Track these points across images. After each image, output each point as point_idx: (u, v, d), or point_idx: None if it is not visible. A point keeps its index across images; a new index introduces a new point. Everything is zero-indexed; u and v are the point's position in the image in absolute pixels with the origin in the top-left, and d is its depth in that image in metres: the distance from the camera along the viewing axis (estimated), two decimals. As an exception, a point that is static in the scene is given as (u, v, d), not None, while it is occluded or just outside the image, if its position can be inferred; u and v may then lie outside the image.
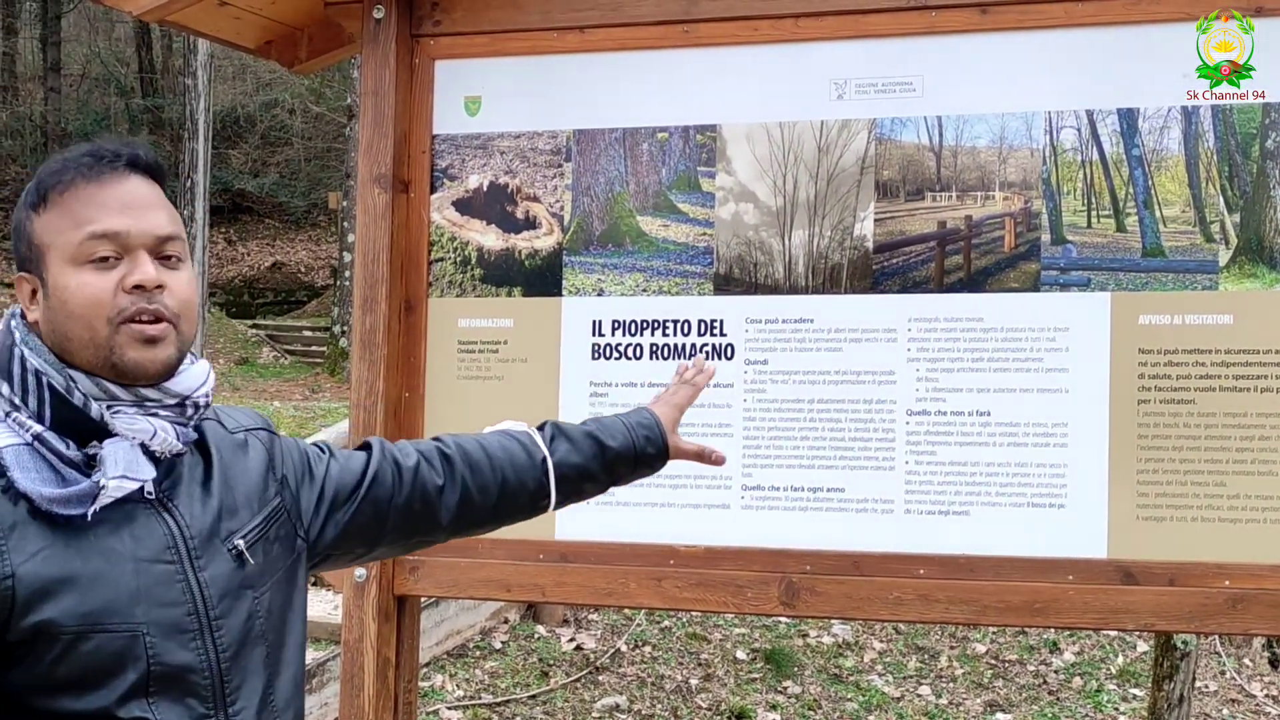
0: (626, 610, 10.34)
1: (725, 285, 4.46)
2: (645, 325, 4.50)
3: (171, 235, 2.37)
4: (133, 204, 2.34)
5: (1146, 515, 4.09)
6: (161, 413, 2.35)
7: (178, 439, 2.37)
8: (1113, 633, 10.70)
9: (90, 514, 2.22)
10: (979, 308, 4.26)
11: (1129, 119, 4.19)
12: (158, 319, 2.32)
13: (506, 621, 10.35)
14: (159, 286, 2.32)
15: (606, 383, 4.52)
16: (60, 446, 2.24)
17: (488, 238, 4.64)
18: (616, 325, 4.53)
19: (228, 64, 30.76)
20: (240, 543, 2.45)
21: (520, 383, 4.58)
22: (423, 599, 5.28)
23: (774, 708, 9.73)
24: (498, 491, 2.95)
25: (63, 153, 2.40)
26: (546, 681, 9.61)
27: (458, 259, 4.65)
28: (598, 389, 4.52)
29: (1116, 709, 10.05)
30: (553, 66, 4.63)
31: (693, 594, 4.40)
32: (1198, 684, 9.64)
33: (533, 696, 9.39)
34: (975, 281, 4.27)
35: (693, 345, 4.45)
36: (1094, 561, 4.12)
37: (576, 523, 4.49)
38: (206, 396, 2.44)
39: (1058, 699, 10.17)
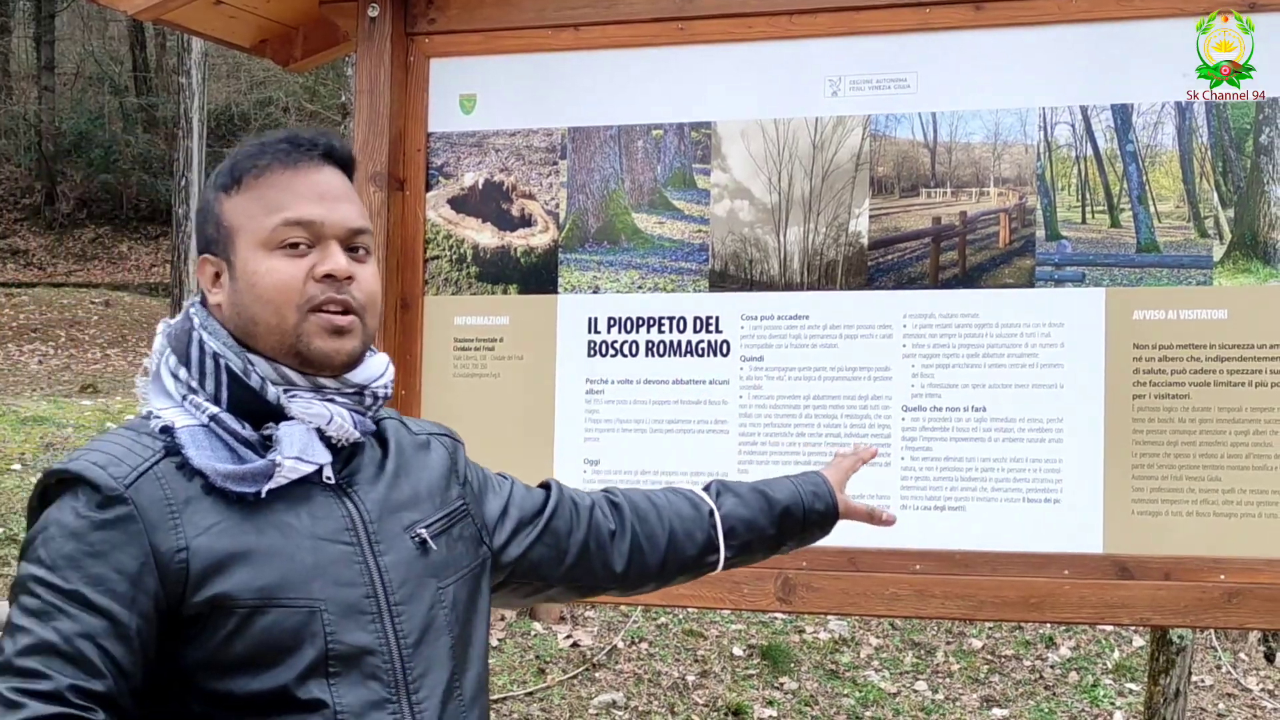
0: (623, 607, 10.34)
1: (721, 282, 4.46)
2: (641, 322, 4.51)
3: (362, 228, 2.39)
4: (327, 194, 2.36)
5: (1142, 510, 4.10)
6: (338, 399, 2.36)
7: (354, 427, 2.38)
8: (1109, 628, 10.71)
9: (264, 492, 2.24)
10: (974, 304, 4.26)
11: (1123, 114, 4.20)
12: (346, 310, 2.33)
13: (503, 619, 10.35)
14: (349, 278, 2.33)
15: (602, 380, 4.52)
16: (236, 426, 2.26)
17: (483, 235, 4.65)
18: (612, 322, 4.53)
19: (222, 62, 30.73)
20: (424, 531, 2.45)
21: (516, 380, 4.59)
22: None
23: (771, 704, 9.74)
24: (666, 543, 2.92)
25: (258, 138, 2.42)
26: (543, 678, 9.61)
27: (453, 257, 4.66)
28: (594, 386, 4.52)
29: (1113, 704, 10.06)
30: (547, 64, 4.63)
31: (689, 590, 4.38)
32: (1194, 678, 9.65)
33: (529, 693, 9.40)
34: (970, 277, 4.28)
35: (688, 342, 4.46)
36: (1089, 556, 4.13)
37: (573, 520, 4.49)
38: (386, 388, 2.45)
39: (1054, 694, 10.19)
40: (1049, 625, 10.64)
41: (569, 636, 10.26)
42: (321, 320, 2.30)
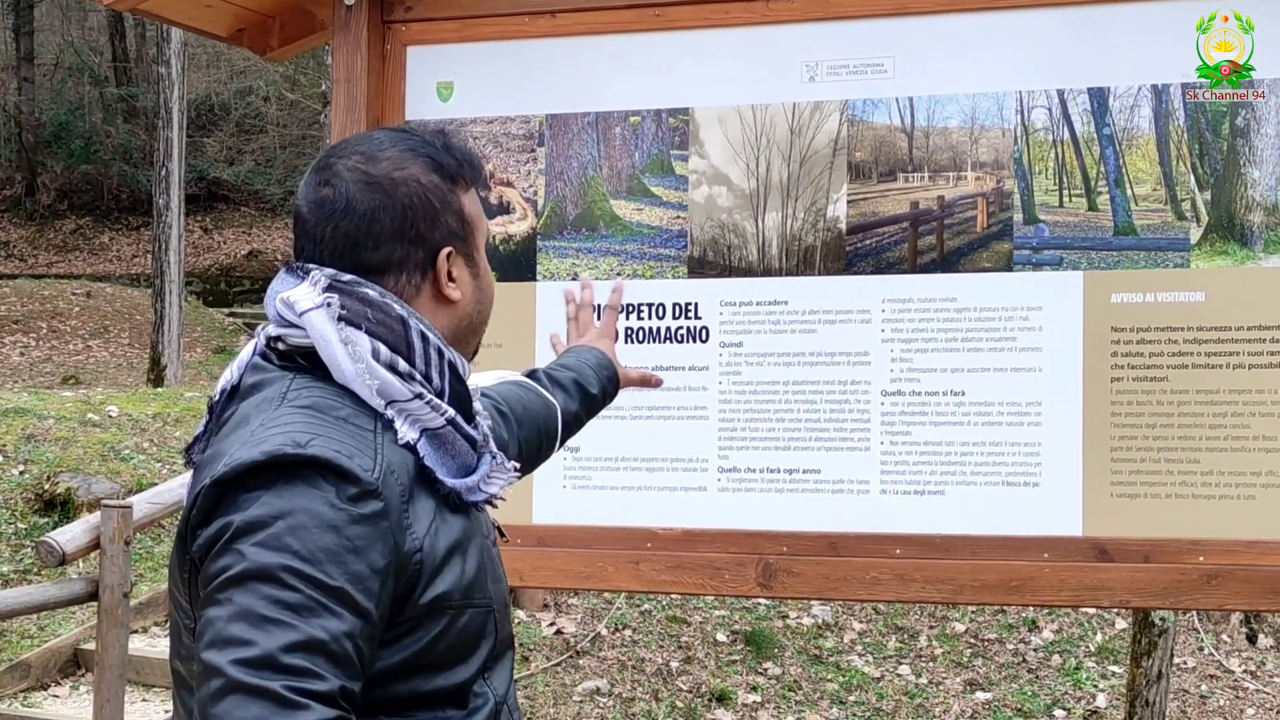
0: (606, 594, 10.35)
1: (699, 268, 4.46)
2: (620, 309, 4.50)
3: None
4: None
5: (1120, 493, 4.11)
6: None
7: None
8: (1091, 610, 10.74)
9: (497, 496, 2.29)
10: (952, 288, 4.27)
11: (1099, 98, 4.20)
12: None
13: (487, 607, 10.34)
14: None
15: (582, 367, 4.52)
16: (469, 430, 2.25)
17: (462, 223, 4.64)
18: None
19: (201, 52, 30.67)
20: (496, 519, 2.52)
21: (495, 368, 4.57)
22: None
23: (754, 689, 9.75)
24: (535, 441, 3.02)
25: (442, 135, 2.41)
26: (527, 666, 9.62)
27: (432, 245, 4.65)
28: (573, 373, 4.52)
29: (1095, 686, 10.09)
30: (524, 51, 4.63)
31: (670, 576, 4.41)
32: (1176, 660, 9.69)
33: (514, 681, 9.39)
34: (948, 262, 4.28)
35: (667, 328, 4.46)
36: (1069, 539, 4.14)
37: (553, 507, 4.50)
38: None
39: (1037, 677, 10.21)
40: (1032, 609, 10.66)
41: (552, 624, 10.26)
42: None
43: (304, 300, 2.22)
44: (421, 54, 4.71)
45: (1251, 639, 10.80)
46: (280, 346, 2.26)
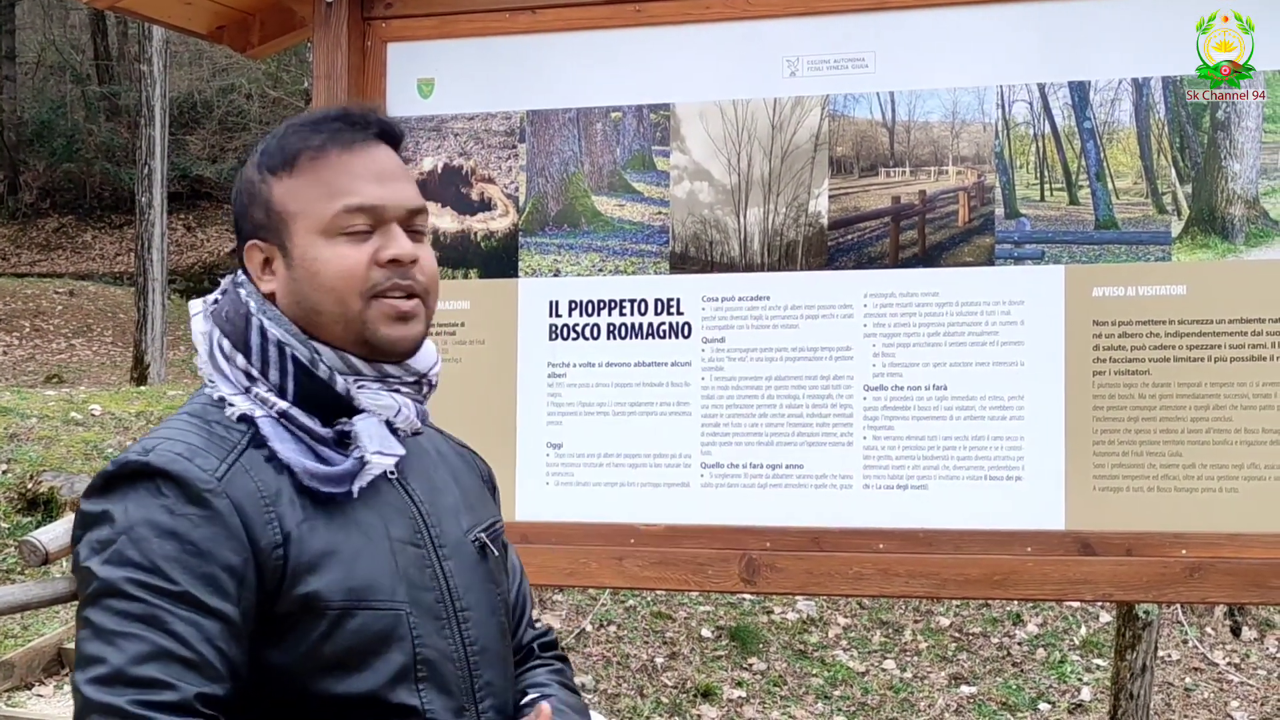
0: (591, 590, 10.34)
1: (681, 264, 4.46)
2: (602, 305, 4.50)
3: (421, 208, 2.32)
4: (385, 175, 2.27)
5: (1103, 486, 4.12)
6: (402, 389, 2.30)
7: (416, 417, 2.33)
8: (1075, 604, 10.75)
9: (356, 491, 2.19)
10: (934, 282, 4.27)
11: (1080, 91, 4.21)
12: (410, 294, 2.26)
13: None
14: (413, 261, 2.26)
15: (564, 363, 4.52)
16: (310, 423, 2.19)
17: (443, 220, 4.63)
18: (573, 305, 4.53)
19: (184, 50, 30.59)
20: (483, 535, 2.42)
21: (478, 365, 4.58)
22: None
23: (740, 684, 9.75)
24: None
25: (303, 117, 2.32)
26: (512, 663, 9.60)
27: (413, 242, 4.64)
28: (555, 369, 4.52)
29: (1080, 679, 10.10)
30: (505, 47, 4.62)
31: (654, 573, 4.40)
32: (1160, 653, 9.70)
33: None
34: (930, 256, 4.28)
35: (649, 324, 4.46)
36: (1052, 533, 4.14)
37: (536, 503, 4.49)
38: (438, 376, 2.41)
39: (1021, 670, 10.22)
40: (1016, 602, 10.66)
41: (537, 620, 10.25)
42: (386, 306, 2.23)
43: (197, 305, 2.32)
44: (402, 50, 4.70)
45: (1236, 631, 10.82)
46: None
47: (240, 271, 2.31)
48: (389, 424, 2.27)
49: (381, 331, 2.23)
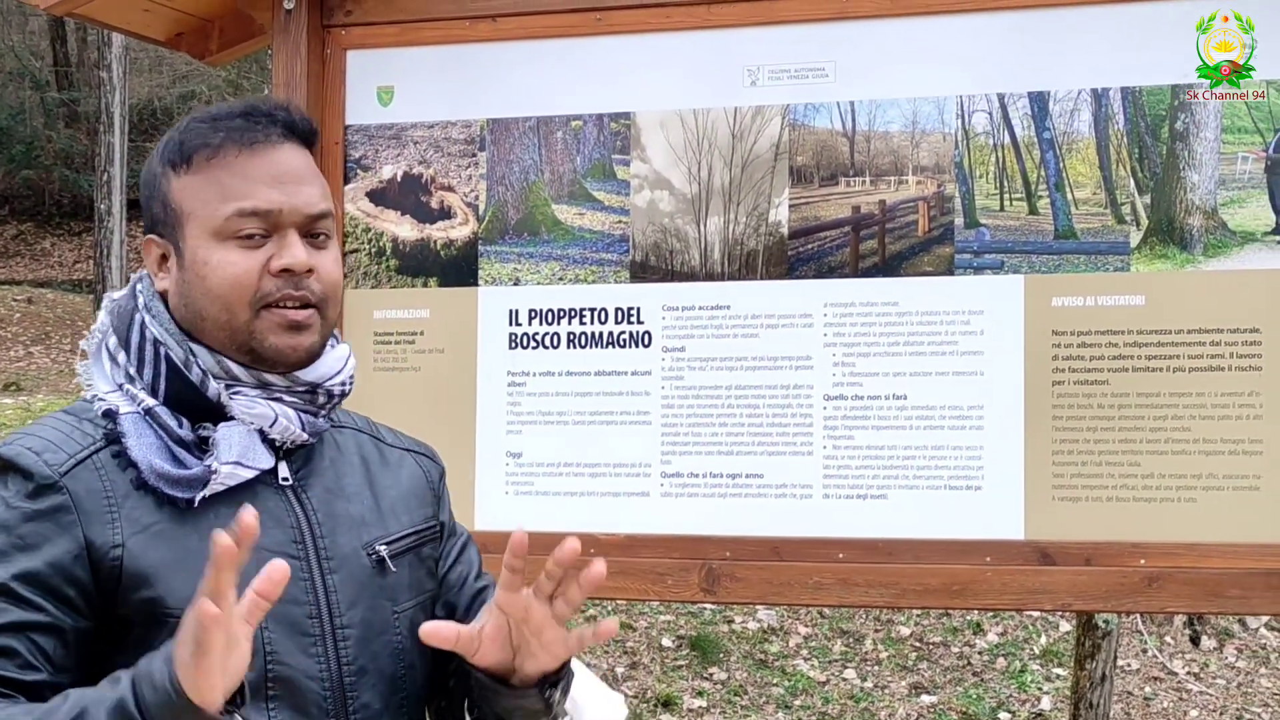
0: (552, 599, 10.31)
1: (642, 273, 4.45)
2: (562, 314, 4.49)
3: (323, 213, 2.22)
4: (286, 177, 2.18)
5: (1062, 496, 4.12)
6: (286, 398, 2.21)
7: (302, 428, 2.22)
8: (1035, 613, 10.78)
9: (197, 500, 2.10)
10: (894, 292, 4.27)
11: (1040, 102, 4.21)
12: (304, 304, 2.17)
13: (432, 613, 10.31)
14: (309, 270, 2.17)
15: (524, 372, 4.51)
16: (171, 423, 2.12)
17: (402, 228, 4.62)
18: (533, 314, 4.52)
19: (144, 57, 30.47)
20: (383, 549, 2.31)
21: (437, 374, 4.56)
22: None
23: (700, 694, 9.75)
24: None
25: (209, 109, 2.24)
26: (472, 672, 9.58)
27: (372, 250, 4.63)
28: (515, 379, 4.51)
29: (1040, 689, 10.13)
30: (465, 56, 4.61)
31: (614, 582, 4.38)
32: (1120, 662, 9.73)
33: None
34: (890, 266, 4.28)
35: (609, 333, 4.45)
36: (1011, 543, 4.14)
37: (496, 513, 4.48)
38: (344, 385, 2.31)
39: (982, 680, 10.24)
40: (976, 611, 10.69)
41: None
42: (276, 316, 2.16)
43: (110, 298, 2.29)
44: (362, 58, 4.68)
45: (1195, 640, 10.86)
46: None
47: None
48: (263, 434, 2.19)
49: (270, 341, 2.17)
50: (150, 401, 2.14)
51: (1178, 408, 4.06)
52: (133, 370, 2.17)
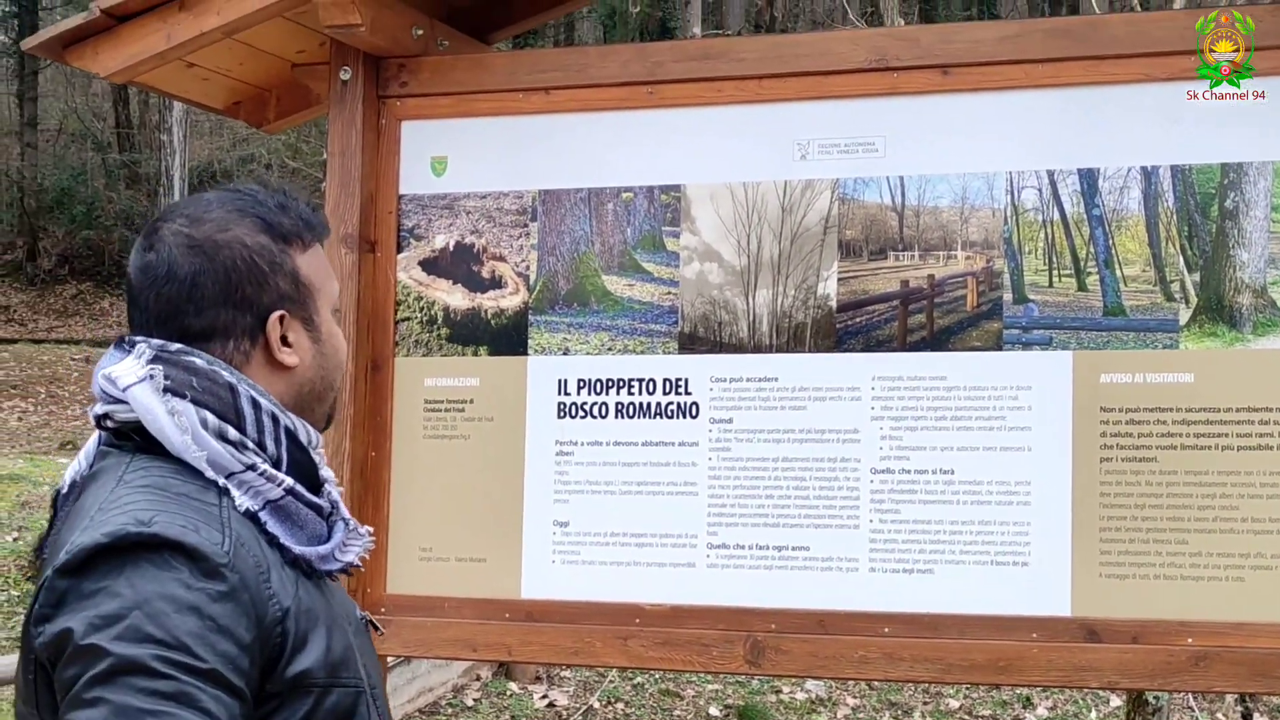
0: (599, 667, 10.31)
1: (690, 344, 4.47)
2: (611, 384, 4.51)
3: None
4: None
5: (1109, 573, 4.11)
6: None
7: None
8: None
9: (351, 565, 2.24)
10: (942, 366, 4.28)
11: (1089, 179, 4.22)
12: None
13: (479, 679, 10.32)
14: None
15: (572, 441, 4.52)
16: (311, 497, 2.20)
17: (454, 297, 4.65)
18: (582, 384, 4.54)
19: (204, 119, 30.79)
20: (367, 613, 2.44)
21: (486, 442, 4.59)
22: (390, 658, 5.27)
23: (747, 764, 9.70)
24: None
25: (281, 195, 2.32)
26: (519, 739, 9.57)
27: (424, 318, 4.66)
28: (563, 448, 4.52)
29: (1090, 764, 10.04)
30: (518, 127, 4.65)
31: (658, 653, 4.39)
32: (1171, 739, 9.63)
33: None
34: (938, 340, 4.29)
35: (658, 404, 4.46)
36: (1058, 619, 4.13)
37: (542, 581, 4.49)
38: None
39: (1031, 754, 10.16)
40: (1025, 685, 10.61)
41: (545, 696, 10.22)
42: None
43: (126, 375, 2.16)
44: (416, 129, 4.73)
45: (1247, 717, 10.75)
46: (109, 424, 2.19)
47: (175, 342, 2.21)
48: None
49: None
50: (289, 480, 2.17)
51: (1226, 486, 4.05)
52: (251, 444, 2.16)
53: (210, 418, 2.14)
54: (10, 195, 32.65)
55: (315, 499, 2.19)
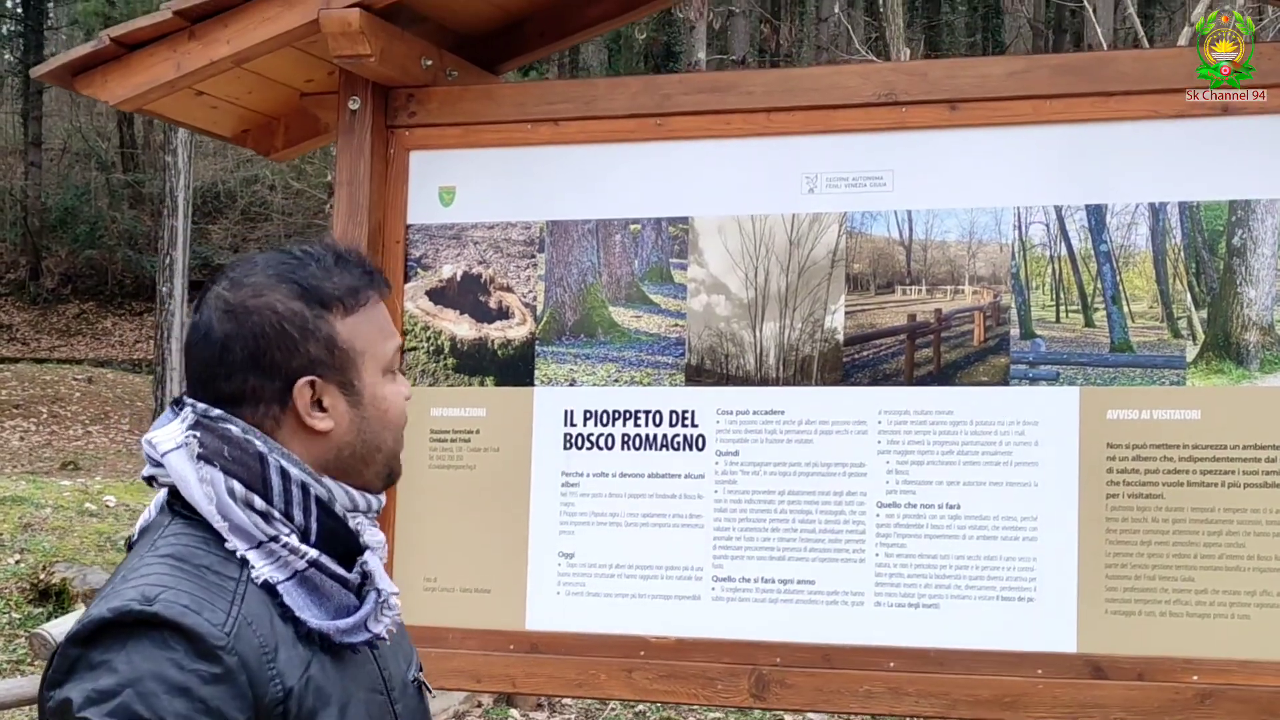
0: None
1: (697, 376, 4.47)
2: (617, 415, 4.51)
3: None
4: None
5: (1115, 609, 4.10)
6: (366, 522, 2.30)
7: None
8: None
9: (376, 638, 2.19)
10: (949, 401, 4.28)
11: (1097, 215, 4.23)
12: None
13: (480, 705, 10.29)
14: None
15: (578, 473, 4.52)
16: (338, 569, 2.16)
17: (461, 327, 4.66)
18: (588, 415, 4.54)
19: (208, 140, 30.81)
20: (421, 675, 2.41)
21: (492, 472, 4.58)
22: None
23: (748, 793, 9.67)
24: None
25: (335, 255, 2.29)
26: (520, 765, 9.55)
27: (431, 348, 4.66)
28: (569, 479, 4.52)
29: (1092, 795, 9.99)
30: (527, 158, 4.65)
31: (663, 685, 4.39)
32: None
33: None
34: (945, 375, 4.29)
35: (664, 436, 4.46)
36: (1063, 655, 4.13)
37: (547, 613, 4.48)
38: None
39: (1033, 784, 10.11)
40: (1028, 715, 10.57)
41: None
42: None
43: (166, 441, 2.18)
44: (424, 159, 4.73)
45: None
46: (157, 485, 2.22)
47: (214, 406, 2.22)
48: None
49: (401, 461, 2.33)
50: (313, 553, 2.15)
51: (1232, 523, 4.05)
52: (277, 514, 2.15)
53: (238, 487, 2.14)
54: (14, 214, 32.71)
55: (341, 571, 2.16)
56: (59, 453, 21.35)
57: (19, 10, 36.40)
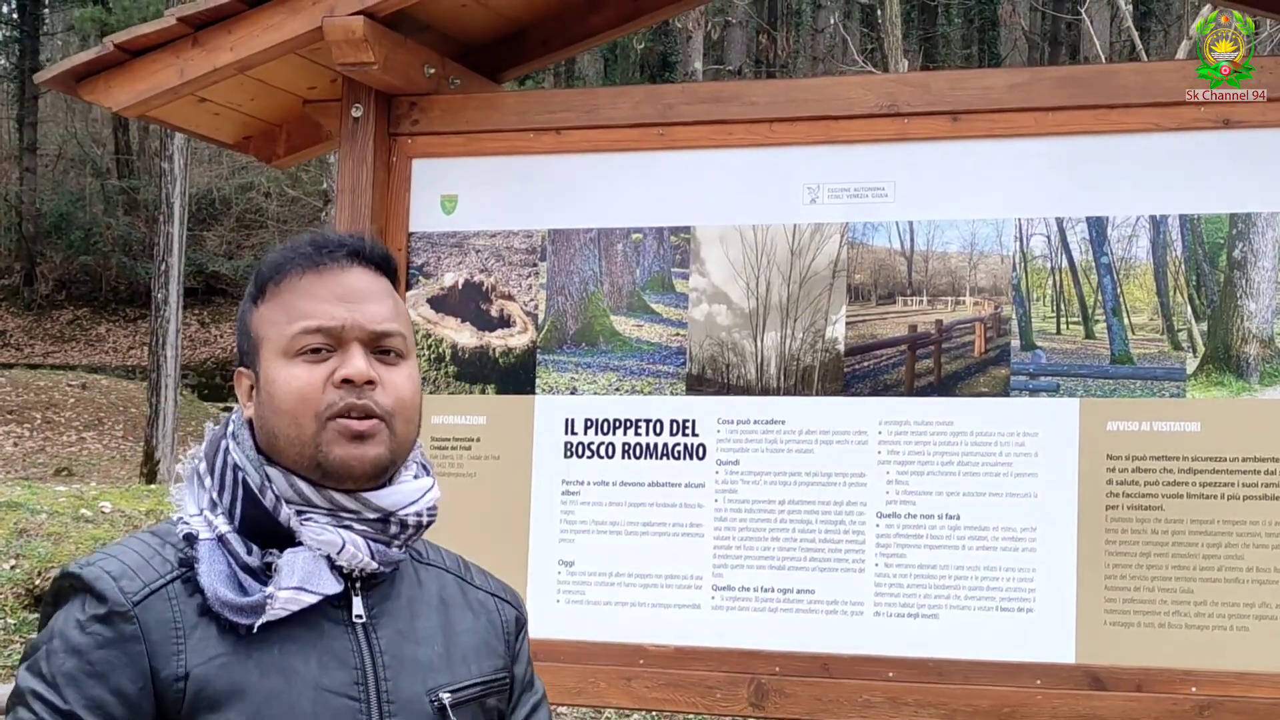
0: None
1: (698, 385, 4.48)
2: (618, 424, 4.52)
3: (389, 331, 2.21)
4: (350, 295, 2.19)
5: (1114, 620, 4.11)
6: (357, 526, 2.16)
7: (371, 557, 2.17)
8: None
9: (255, 626, 2.07)
10: (949, 412, 4.29)
11: (1098, 227, 4.24)
12: (367, 415, 2.15)
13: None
14: (369, 382, 2.15)
15: (579, 481, 4.53)
16: (239, 550, 2.11)
17: (462, 335, 4.66)
18: (589, 424, 4.54)
19: (204, 147, 30.75)
20: (446, 697, 2.22)
21: (493, 480, 4.59)
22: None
23: (743, 803, 9.65)
24: None
25: (287, 242, 2.29)
26: (514, 774, 9.52)
27: (432, 356, 4.67)
28: (570, 487, 4.53)
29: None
30: (529, 166, 4.66)
31: (662, 694, 4.39)
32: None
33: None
34: (945, 385, 4.30)
35: (664, 445, 4.47)
36: (1062, 666, 4.13)
37: (547, 621, 4.47)
38: (419, 516, 2.24)
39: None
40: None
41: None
42: (339, 426, 2.12)
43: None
44: (427, 167, 4.74)
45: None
46: None
47: None
48: (331, 561, 2.15)
49: (334, 453, 2.14)
50: (224, 528, 2.13)
51: (1231, 535, 4.06)
52: (215, 495, 2.17)
53: (203, 465, 2.23)
54: (8, 220, 32.68)
55: (241, 553, 2.11)
56: (53, 459, 21.33)
57: (14, 16, 36.39)
